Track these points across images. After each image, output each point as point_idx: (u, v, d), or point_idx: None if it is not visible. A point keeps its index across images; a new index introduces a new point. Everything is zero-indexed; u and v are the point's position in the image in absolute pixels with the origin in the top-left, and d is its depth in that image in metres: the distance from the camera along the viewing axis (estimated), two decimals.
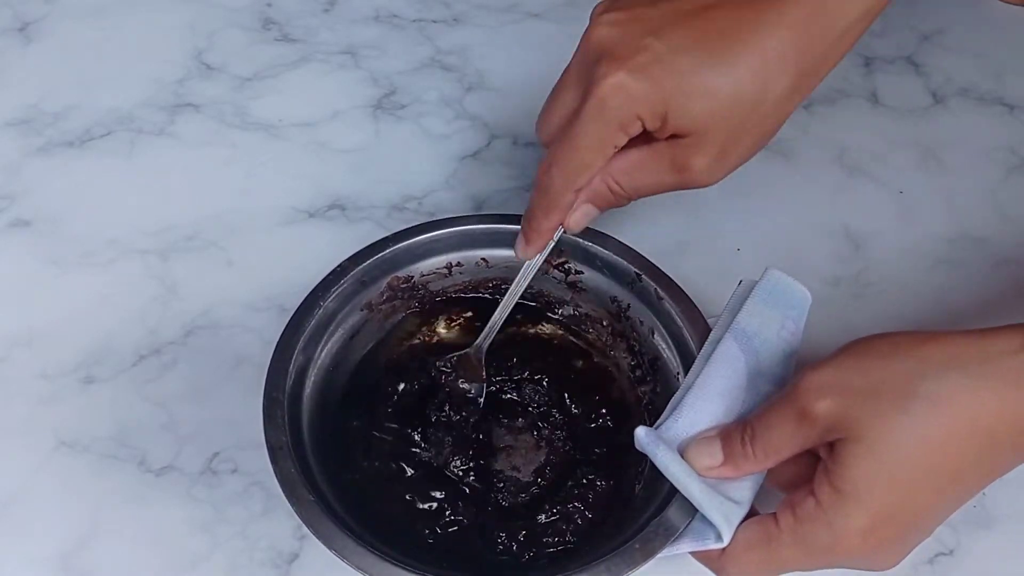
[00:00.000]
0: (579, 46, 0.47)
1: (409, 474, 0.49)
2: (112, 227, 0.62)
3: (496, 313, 0.52)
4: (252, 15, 0.76)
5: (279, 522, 0.50)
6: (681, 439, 0.44)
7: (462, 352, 0.52)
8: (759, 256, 0.62)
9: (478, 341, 0.52)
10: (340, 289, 0.51)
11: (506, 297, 0.52)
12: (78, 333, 0.57)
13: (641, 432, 0.44)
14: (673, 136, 0.46)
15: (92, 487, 0.51)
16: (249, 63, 0.73)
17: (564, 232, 0.51)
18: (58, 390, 0.55)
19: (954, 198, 0.66)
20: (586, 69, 0.46)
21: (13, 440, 0.53)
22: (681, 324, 0.50)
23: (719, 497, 0.42)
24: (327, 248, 0.56)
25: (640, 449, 0.44)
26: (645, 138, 0.47)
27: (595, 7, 0.47)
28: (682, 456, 0.44)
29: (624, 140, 0.46)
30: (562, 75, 0.48)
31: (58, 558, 0.49)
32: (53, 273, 0.60)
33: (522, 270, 0.52)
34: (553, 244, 0.51)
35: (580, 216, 0.49)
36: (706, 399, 0.45)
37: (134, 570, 0.49)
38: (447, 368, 0.52)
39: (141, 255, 0.61)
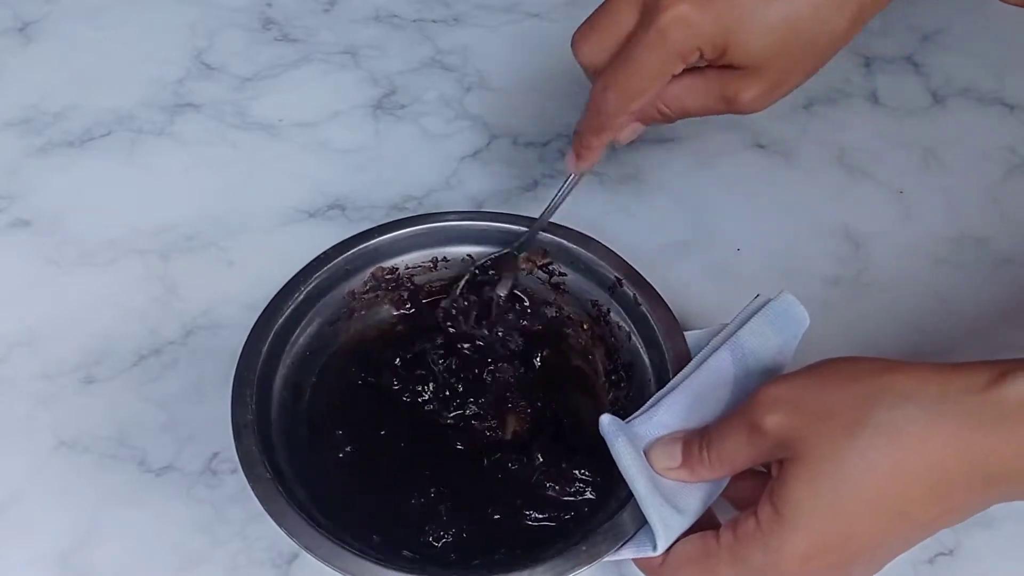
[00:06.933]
0: None
1: (374, 460, 0.49)
2: (112, 227, 0.62)
3: (540, 217, 0.53)
4: (252, 15, 0.76)
5: None
6: (650, 438, 0.45)
7: (503, 251, 0.54)
8: (759, 256, 0.62)
9: (520, 241, 0.54)
10: (322, 276, 0.52)
11: (550, 203, 0.53)
12: (78, 333, 0.57)
13: (606, 419, 0.45)
14: (726, 66, 0.47)
15: (92, 487, 0.51)
16: (249, 63, 0.73)
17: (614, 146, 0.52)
18: (58, 390, 0.55)
19: (954, 198, 0.66)
20: None
21: (13, 440, 0.53)
22: (657, 330, 0.50)
23: (660, 498, 0.43)
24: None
25: (602, 435, 0.45)
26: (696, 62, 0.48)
27: None
28: (646, 455, 0.44)
29: (681, 69, 0.47)
30: None
31: (58, 558, 0.49)
32: (53, 273, 0.60)
33: (567, 181, 0.53)
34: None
35: (629, 132, 0.51)
36: (684, 404, 0.46)
37: (134, 570, 0.49)
38: (482, 270, 0.53)
39: (141, 255, 0.61)
